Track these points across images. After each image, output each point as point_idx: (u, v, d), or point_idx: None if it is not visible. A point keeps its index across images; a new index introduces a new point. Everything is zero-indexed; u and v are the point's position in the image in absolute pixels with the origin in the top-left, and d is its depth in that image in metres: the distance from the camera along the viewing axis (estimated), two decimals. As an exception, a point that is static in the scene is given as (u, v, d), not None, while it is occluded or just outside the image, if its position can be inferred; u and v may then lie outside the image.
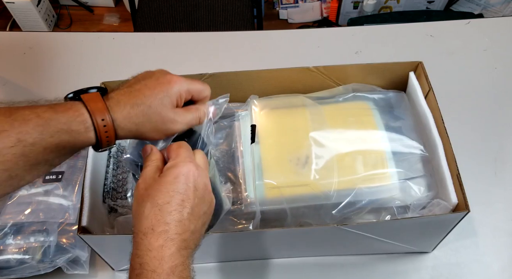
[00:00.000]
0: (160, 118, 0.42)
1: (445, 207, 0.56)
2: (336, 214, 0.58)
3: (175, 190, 0.40)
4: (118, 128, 0.41)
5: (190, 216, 0.40)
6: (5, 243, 0.62)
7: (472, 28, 0.95)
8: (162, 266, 0.37)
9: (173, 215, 0.39)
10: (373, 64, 0.67)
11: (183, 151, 0.43)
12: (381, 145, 0.61)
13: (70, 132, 0.39)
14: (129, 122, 0.41)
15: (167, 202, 0.39)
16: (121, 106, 0.41)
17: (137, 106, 0.41)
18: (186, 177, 0.41)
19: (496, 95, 0.84)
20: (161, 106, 0.42)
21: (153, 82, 0.43)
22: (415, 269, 0.66)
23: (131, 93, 0.42)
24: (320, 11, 1.95)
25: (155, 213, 0.39)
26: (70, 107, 0.40)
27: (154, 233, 0.38)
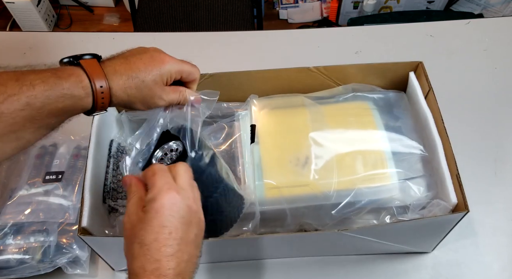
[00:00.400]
0: (150, 93, 0.46)
1: (445, 207, 0.56)
2: (335, 214, 0.58)
3: (160, 224, 0.39)
4: (113, 96, 0.44)
5: (181, 246, 0.39)
6: (5, 243, 0.62)
7: (472, 28, 0.95)
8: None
9: (162, 251, 0.38)
10: (373, 64, 0.67)
11: (158, 178, 0.41)
12: (380, 145, 0.61)
13: (72, 97, 0.41)
14: (123, 92, 0.44)
15: (154, 240, 0.38)
16: (117, 75, 0.44)
17: (132, 78, 0.44)
18: (168, 208, 0.40)
19: (496, 95, 0.84)
20: (152, 82, 0.45)
21: (148, 58, 0.46)
22: (415, 269, 0.66)
23: (127, 64, 0.45)
24: (320, 11, 1.95)
25: (144, 253, 0.38)
26: (72, 73, 0.41)
27: (146, 273, 0.37)
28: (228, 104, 0.68)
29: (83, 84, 0.42)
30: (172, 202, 0.40)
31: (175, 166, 0.44)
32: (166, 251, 0.38)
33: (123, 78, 0.44)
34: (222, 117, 0.67)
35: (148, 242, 0.38)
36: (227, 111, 0.68)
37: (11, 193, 0.66)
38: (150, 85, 0.46)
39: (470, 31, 0.95)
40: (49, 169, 0.69)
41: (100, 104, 0.43)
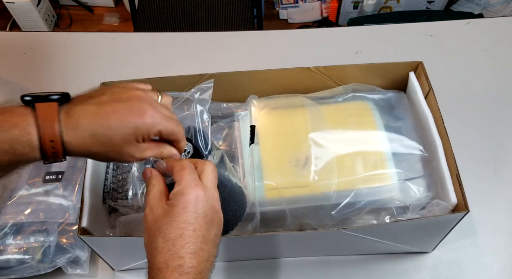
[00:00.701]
0: (117, 152, 0.39)
1: (445, 208, 0.56)
2: (335, 215, 0.58)
3: (186, 221, 0.39)
4: (69, 151, 0.37)
5: (203, 244, 0.39)
6: (5, 243, 0.62)
7: (472, 28, 0.95)
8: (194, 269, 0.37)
9: (186, 248, 0.38)
10: (373, 64, 0.67)
11: (186, 174, 0.41)
12: (380, 145, 0.61)
13: (12, 153, 0.35)
14: (82, 148, 0.38)
15: (179, 235, 0.38)
16: (79, 130, 0.37)
17: (97, 136, 0.37)
18: (194, 205, 0.39)
19: (496, 95, 0.84)
20: (123, 142, 0.38)
21: (125, 111, 0.38)
22: (415, 269, 0.66)
23: (96, 117, 0.37)
24: (320, 11, 1.95)
25: (169, 248, 0.38)
26: (17, 123, 0.35)
27: (169, 268, 0.37)
28: (227, 104, 0.68)
29: (28, 137, 0.35)
30: (198, 199, 0.40)
31: (203, 164, 0.43)
32: (190, 248, 0.38)
33: (85, 134, 0.37)
34: (222, 117, 0.67)
35: (173, 237, 0.38)
36: (227, 111, 0.68)
37: (11, 193, 0.66)
38: (119, 144, 0.38)
39: (470, 31, 0.95)
40: (49, 169, 0.69)
41: (50, 156, 0.37)
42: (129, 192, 0.64)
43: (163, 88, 0.58)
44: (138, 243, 0.58)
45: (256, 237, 0.57)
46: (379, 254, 0.67)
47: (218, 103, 0.68)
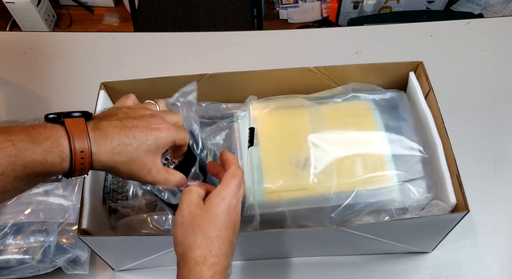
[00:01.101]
0: (139, 164, 0.41)
1: (444, 208, 0.56)
2: (335, 217, 0.58)
3: (224, 224, 0.42)
4: (95, 162, 0.39)
5: (232, 246, 0.43)
6: (5, 243, 0.62)
7: (472, 28, 0.95)
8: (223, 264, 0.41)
9: (222, 249, 0.42)
10: (373, 64, 0.67)
11: (234, 182, 0.44)
12: (380, 146, 0.60)
13: (44, 163, 0.37)
14: (109, 158, 0.40)
15: (217, 236, 0.42)
16: (107, 140, 0.39)
17: (124, 145, 0.40)
18: (234, 211, 0.44)
19: (496, 95, 0.84)
20: (145, 153, 0.41)
21: (145, 126, 0.42)
22: (415, 269, 0.66)
23: (121, 129, 0.40)
24: (320, 11, 1.95)
25: (208, 245, 0.41)
26: (49, 135, 0.37)
27: (207, 263, 0.41)
28: (227, 105, 0.68)
29: (60, 148, 0.37)
30: (237, 207, 0.44)
31: (241, 175, 0.46)
32: (224, 249, 0.42)
33: (113, 143, 0.39)
34: (221, 118, 0.67)
35: (213, 236, 0.41)
36: (226, 112, 0.67)
37: (11, 193, 0.66)
38: (142, 155, 0.41)
39: (470, 31, 0.95)
40: (49, 169, 0.68)
41: (78, 169, 0.39)
42: (129, 193, 0.64)
43: (163, 88, 0.58)
44: (137, 243, 0.58)
45: (255, 234, 0.57)
46: (379, 254, 0.67)
47: (217, 104, 0.68)
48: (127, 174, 0.42)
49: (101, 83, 0.65)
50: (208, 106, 0.67)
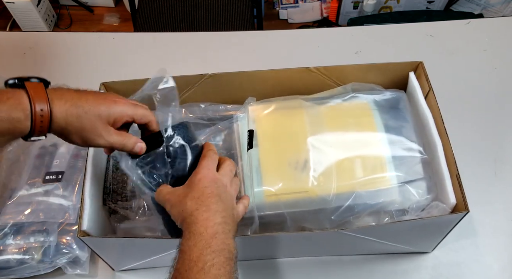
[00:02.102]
0: (89, 126, 0.44)
1: (443, 209, 0.56)
2: (335, 218, 0.57)
3: (203, 185, 0.48)
4: (52, 122, 0.42)
5: (220, 203, 0.47)
6: (5, 243, 0.62)
7: (472, 28, 0.95)
8: (207, 230, 0.44)
9: (209, 202, 0.46)
10: (373, 64, 0.67)
11: (205, 161, 0.51)
12: (380, 147, 0.60)
13: (10, 120, 0.40)
14: (63, 119, 0.43)
15: (201, 193, 0.47)
16: (62, 101, 0.43)
17: (76, 107, 0.43)
18: (207, 180, 0.49)
19: (496, 95, 0.84)
20: (96, 117, 0.44)
21: (101, 95, 0.46)
22: (415, 269, 0.66)
23: (76, 93, 0.44)
24: (320, 11, 1.95)
25: (196, 202, 0.46)
26: (12, 96, 0.41)
27: (199, 210, 0.46)
28: (226, 106, 0.67)
29: (23, 106, 0.41)
30: (209, 178, 0.49)
31: (223, 159, 0.53)
32: (212, 201, 0.46)
33: (67, 104, 0.43)
34: (220, 119, 0.67)
35: (197, 195, 0.47)
36: (225, 113, 0.67)
37: (11, 193, 0.66)
38: (93, 118, 0.44)
39: (470, 31, 0.95)
40: (49, 169, 0.68)
41: (38, 128, 0.42)
42: (128, 194, 0.64)
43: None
44: (137, 244, 0.58)
45: (256, 238, 0.57)
46: (379, 254, 0.67)
47: (216, 105, 0.68)
48: (79, 137, 0.45)
49: (101, 83, 0.65)
50: (207, 107, 0.67)
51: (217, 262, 0.42)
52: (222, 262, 0.42)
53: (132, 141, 0.49)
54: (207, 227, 0.44)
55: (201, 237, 0.43)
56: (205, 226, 0.44)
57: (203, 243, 0.43)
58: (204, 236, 0.43)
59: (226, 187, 0.50)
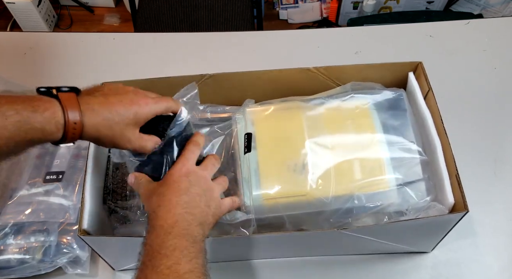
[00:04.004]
0: (120, 135, 0.47)
1: (441, 210, 0.56)
2: (334, 221, 0.57)
3: (173, 180, 0.50)
4: (83, 132, 0.44)
5: (185, 196, 0.48)
6: (5, 243, 0.62)
7: (471, 28, 0.95)
8: (167, 221, 0.45)
9: (175, 192, 0.48)
10: (373, 65, 0.67)
11: (179, 160, 0.52)
12: (379, 149, 0.59)
13: (43, 131, 0.42)
14: (95, 130, 0.45)
15: (168, 186, 0.49)
16: (94, 114, 0.45)
17: (107, 120, 0.45)
18: (179, 175, 0.50)
19: (495, 95, 0.84)
20: (125, 125, 0.47)
21: (127, 102, 0.47)
22: (415, 269, 0.66)
23: (106, 105, 0.46)
24: (320, 12, 1.95)
25: (160, 192, 0.49)
26: (48, 107, 0.42)
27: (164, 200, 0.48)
28: (224, 107, 0.67)
29: (57, 119, 0.42)
30: (182, 174, 0.50)
31: (208, 157, 0.55)
32: (178, 190, 0.48)
33: (98, 118, 0.45)
34: (219, 121, 0.67)
35: (163, 190, 0.49)
36: (224, 115, 0.67)
37: (12, 193, 0.66)
38: (123, 127, 0.47)
39: (469, 32, 0.95)
40: (49, 168, 0.69)
41: (70, 138, 0.44)
42: (128, 193, 0.64)
43: (163, 89, 0.58)
44: (138, 243, 0.58)
45: (255, 238, 0.57)
46: (378, 254, 0.67)
47: (215, 106, 0.67)
48: (110, 144, 0.48)
49: (102, 83, 0.65)
50: (205, 108, 0.67)
51: (179, 246, 0.44)
52: (185, 246, 0.44)
53: (149, 145, 0.51)
54: (167, 218, 0.46)
55: (162, 229, 0.45)
56: (165, 218, 0.46)
57: (163, 232, 0.44)
58: (164, 227, 0.45)
59: (203, 179, 0.51)
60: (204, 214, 0.49)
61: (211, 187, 0.52)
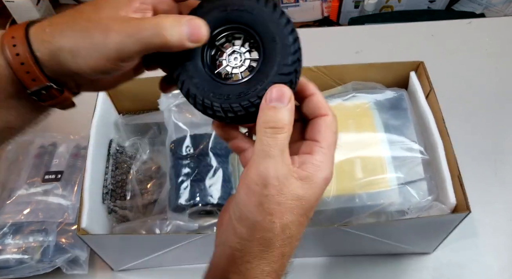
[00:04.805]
0: (87, 21, 0.30)
1: (443, 210, 0.56)
2: (334, 220, 0.57)
3: (307, 204, 0.33)
4: (44, 67, 0.30)
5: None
6: (4, 243, 0.61)
7: (473, 27, 0.95)
8: None
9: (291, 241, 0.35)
10: (374, 64, 0.67)
11: (332, 143, 0.32)
12: (380, 148, 0.60)
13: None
14: (51, 37, 0.30)
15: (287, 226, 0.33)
16: (44, 25, 0.31)
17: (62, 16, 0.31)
18: (321, 191, 0.33)
19: (497, 95, 0.84)
20: (95, 8, 0.31)
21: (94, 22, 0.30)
22: (416, 270, 0.66)
23: (69, 14, 0.32)
24: (320, 10, 1.95)
25: (281, 232, 0.33)
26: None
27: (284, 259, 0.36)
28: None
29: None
30: (325, 186, 0.34)
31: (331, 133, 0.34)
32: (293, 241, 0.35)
33: (53, 25, 0.31)
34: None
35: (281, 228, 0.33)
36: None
37: (10, 193, 0.66)
38: (91, 10, 0.31)
39: (471, 31, 0.95)
40: (48, 168, 0.68)
41: (23, 73, 0.30)
42: (127, 193, 0.64)
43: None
44: (137, 242, 0.58)
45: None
46: (380, 255, 0.67)
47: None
48: (85, 49, 0.30)
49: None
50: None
51: None
52: None
53: (170, 19, 0.30)
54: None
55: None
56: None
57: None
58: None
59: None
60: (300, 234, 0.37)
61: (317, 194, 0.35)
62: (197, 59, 0.33)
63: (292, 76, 0.33)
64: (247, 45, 0.34)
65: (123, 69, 0.32)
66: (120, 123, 0.68)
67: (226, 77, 0.34)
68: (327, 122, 0.34)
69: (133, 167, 0.66)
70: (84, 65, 0.30)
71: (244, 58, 0.34)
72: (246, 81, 0.33)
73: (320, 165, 0.32)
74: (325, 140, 0.33)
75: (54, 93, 0.32)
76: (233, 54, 0.34)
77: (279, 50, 0.32)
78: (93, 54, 0.30)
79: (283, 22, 0.32)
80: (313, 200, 0.32)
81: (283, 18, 0.32)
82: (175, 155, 0.61)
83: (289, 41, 0.33)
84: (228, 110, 0.32)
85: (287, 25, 0.33)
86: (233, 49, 0.34)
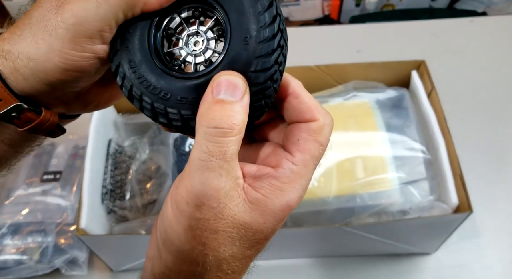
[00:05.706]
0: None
1: (444, 210, 0.55)
2: (335, 220, 0.57)
3: (261, 231, 0.25)
4: (2, 67, 0.25)
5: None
6: (2, 244, 0.61)
7: (475, 26, 0.94)
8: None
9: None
10: (375, 63, 0.66)
11: (313, 162, 0.25)
12: (381, 148, 0.59)
13: None
14: (12, 44, 0.25)
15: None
16: (4, 34, 0.26)
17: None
18: (283, 218, 0.25)
19: (499, 93, 0.83)
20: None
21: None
22: (418, 270, 0.65)
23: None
24: (321, 9, 1.94)
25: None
26: None
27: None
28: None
29: None
30: (289, 211, 0.26)
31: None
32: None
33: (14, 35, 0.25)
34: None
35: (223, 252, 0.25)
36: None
37: (9, 193, 0.66)
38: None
39: (473, 30, 0.94)
40: (47, 168, 0.68)
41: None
42: (126, 193, 0.64)
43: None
44: (137, 242, 0.57)
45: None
46: (381, 255, 0.66)
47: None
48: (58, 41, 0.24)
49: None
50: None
51: None
52: None
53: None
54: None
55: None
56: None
57: None
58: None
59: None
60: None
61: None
62: (144, 31, 0.25)
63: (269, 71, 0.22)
64: (216, 31, 0.25)
65: (85, 68, 0.26)
66: (119, 122, 0.68)
67: (174, 63, 0.26)
68: (311, 129, 0.26)
69: (132, 167, 0.65)
70: (41, 67, 0.25)
71: (206, 47, 0.25)
72: (199, 77, 0.24)
73: (282, 187, 0.24)
74: (301, 153, 0.25)
75: (28, 115, 0.27)
76: (195, 37, 0.26)
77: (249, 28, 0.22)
78: (46, 50, 0.25)
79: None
80: (265, 231, 0.24)
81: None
82: (178, 151, 0.61)
83: (264, 19, 0.23)
84: (160, 114, 0.23)
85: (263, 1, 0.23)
86: (197, 29, 0.26)
